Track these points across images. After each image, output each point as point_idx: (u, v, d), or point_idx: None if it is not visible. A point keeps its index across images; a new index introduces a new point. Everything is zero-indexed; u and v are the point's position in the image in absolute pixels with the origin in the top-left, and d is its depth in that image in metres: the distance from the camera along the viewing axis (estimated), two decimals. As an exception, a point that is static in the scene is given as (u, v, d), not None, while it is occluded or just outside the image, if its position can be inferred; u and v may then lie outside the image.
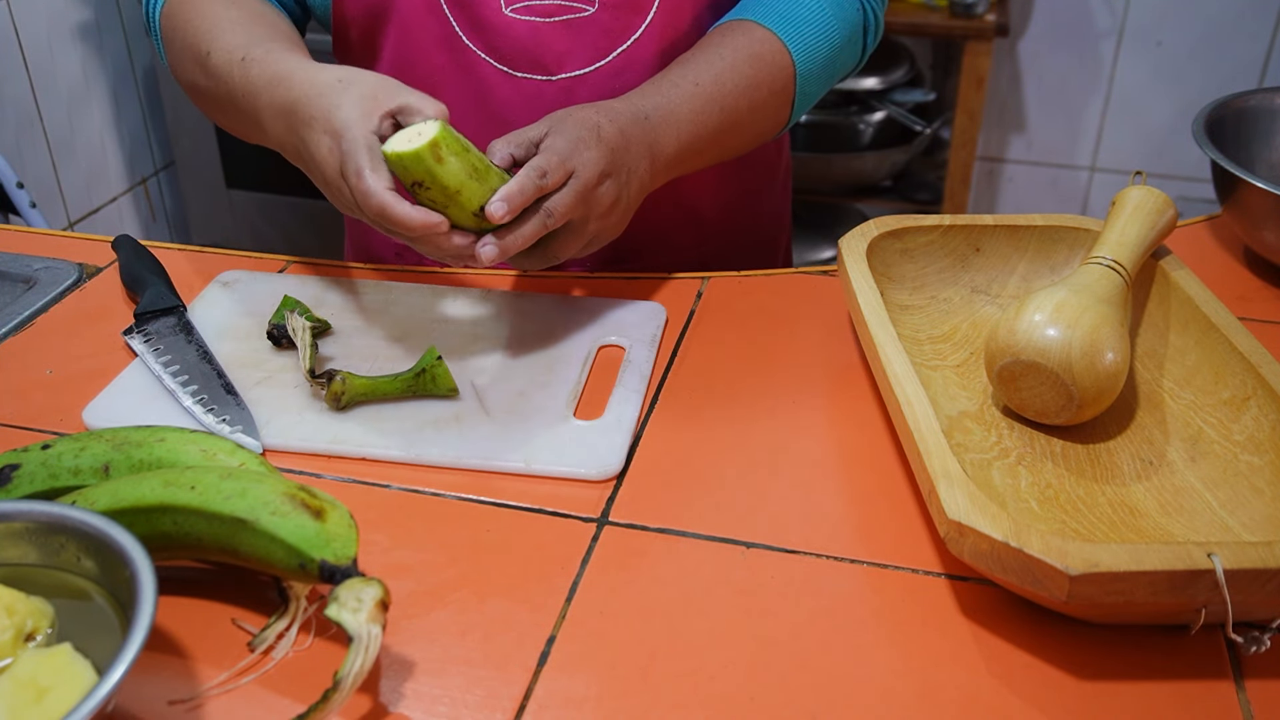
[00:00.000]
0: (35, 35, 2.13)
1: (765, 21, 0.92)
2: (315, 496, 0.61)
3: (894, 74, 2.40)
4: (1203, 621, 0.59)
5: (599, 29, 0.92)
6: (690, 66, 0.89)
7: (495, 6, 0.91)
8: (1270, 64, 2.41)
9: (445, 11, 0.92)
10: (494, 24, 0.92)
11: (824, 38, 0.94)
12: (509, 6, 0.91)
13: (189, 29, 0.89)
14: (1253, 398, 0.73)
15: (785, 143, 1.15)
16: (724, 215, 1.07)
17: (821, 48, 0.94)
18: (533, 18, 0.91)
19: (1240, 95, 1.06)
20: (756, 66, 0.90)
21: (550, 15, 0.92)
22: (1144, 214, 0.82)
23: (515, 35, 0.92)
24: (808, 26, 0.93)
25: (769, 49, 0.91)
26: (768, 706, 0.59)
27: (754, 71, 0.90)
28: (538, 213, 0.76)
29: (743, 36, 0.91)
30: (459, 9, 0.92)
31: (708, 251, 1.07)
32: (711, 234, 1.07)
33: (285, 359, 0.84)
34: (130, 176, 2.46)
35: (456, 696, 0.59)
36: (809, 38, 0.93)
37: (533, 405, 0.80)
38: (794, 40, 0.92)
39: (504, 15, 0.92)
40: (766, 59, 0.91)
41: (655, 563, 0.68)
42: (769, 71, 0.91)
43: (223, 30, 0.86)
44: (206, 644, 0.62)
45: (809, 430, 0.79)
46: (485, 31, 0.92)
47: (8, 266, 0.98)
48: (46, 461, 0.67)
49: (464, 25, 0.93)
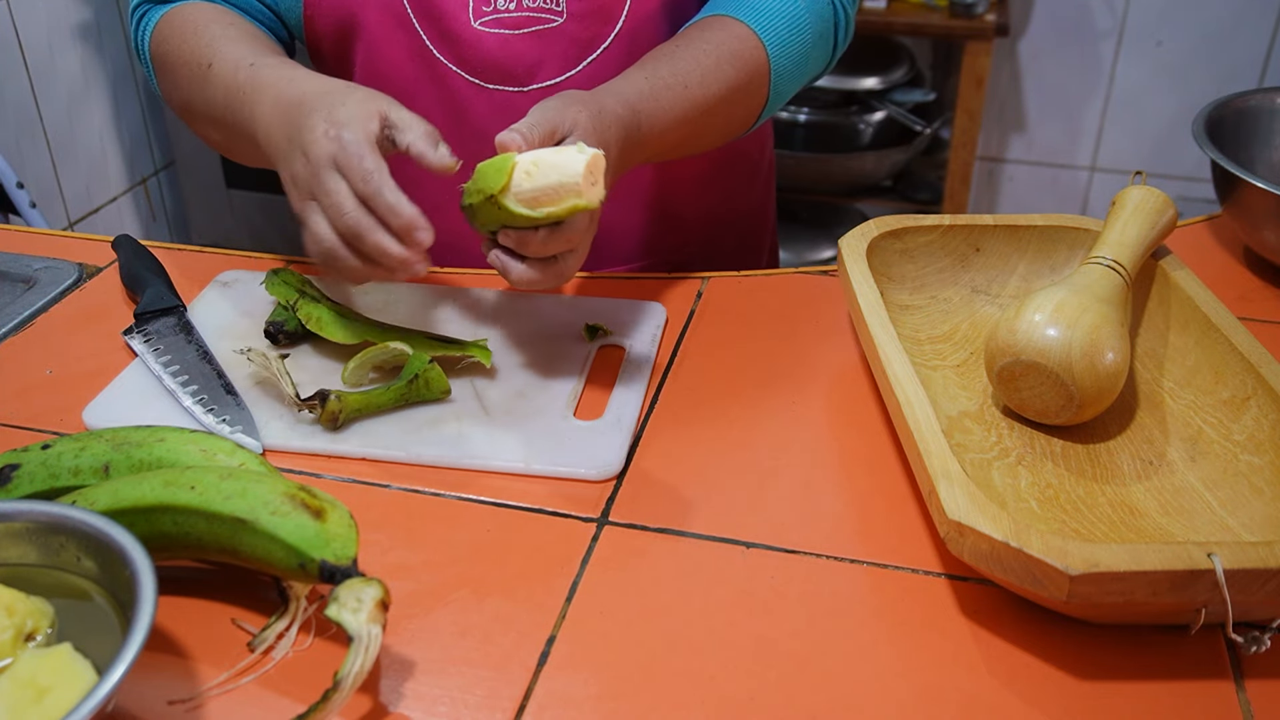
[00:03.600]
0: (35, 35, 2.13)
1: (743, 18, 0.92)
2: (315, 496, 0.61)
3: (894, 74, 2.40)
4: (1203, 621, 0.59)
5: (568, 39, 0.92)
6: (678, 63, 0.87)
7: (464, 20, 0.91)
8: (1270, 64, 2.41)
9: (415, 24, 0.92)
10: (463, 36, 0.92)
11: (798, 33, 0.93)
12: (478, 19, 0.91)
13: (187, 47, 0.89)
14: (1253, 398, 0.73)
15: (768, 142, 1.15)
16: (704, 216, 1.07)
17: (795, 44, 0.93)
18: (501, 30, 0.91)
19: (1240, 95, 1.06)
20: (737, 67, 0.90)
21: (519, 27, 0.91)
22: (1144, 214, 0.82)
23: (484, 48, 0.92)
24: (782, 21, 0.92)
25: (748, 47, 0.91)
26: (768, 706, 0.59)
27: (735, 73, 0.90)
28: None
29: (723, 33, 0.90)
30: (428, 21, 0.92)
31: (691, 253, 1.07)
32: (692, 235, 1.07)
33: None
34: (130, 176, 2.46)
35: (456, 696, 0.59)
36: (783, 33, 0.92)
37: (532, 405, 0.80)
38: (770, 36, 0.92)
39: (472, 28, 0.91)
40: (746, 58, 0.90)
41: (655, 563, 0.68)
42: (748, 72, 0.91)
43: (226, 43, 0.87)
44: (206, 644, 0.62)
45: (809, 430, 0.79)
46: (455, 44, 0.92)
47: (8, 266, 0.98)
48: (46, 461, 0.67)
49: (433, 38, 0.92)
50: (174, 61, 0.91)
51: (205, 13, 0.92)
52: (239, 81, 0.83)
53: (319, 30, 0.96)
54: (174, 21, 0.92)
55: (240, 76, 0.83)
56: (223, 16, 0.92)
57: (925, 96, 2.41)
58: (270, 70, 0.82)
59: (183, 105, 0.92)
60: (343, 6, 0.93)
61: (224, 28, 0.89)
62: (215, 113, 0.87)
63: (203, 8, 0.93)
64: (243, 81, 0.83)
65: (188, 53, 0.89)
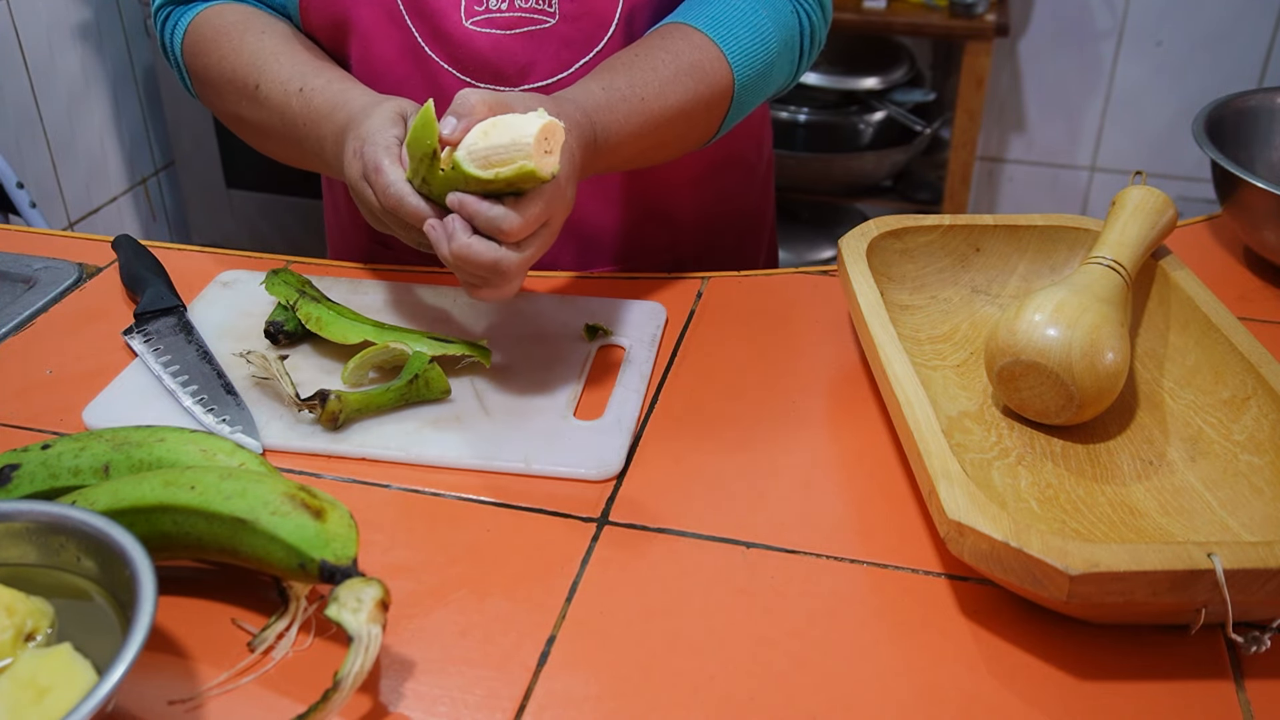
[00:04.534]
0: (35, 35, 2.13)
1: (704, 28, 0.90)
2: (315, 496, 0.61)
3: (894, 74, 2.40)
4: (1203, 621, 0.59)
5: (560, 40, 0.92)
6: (635, 74, 0.86)
7: (455, 19, 0.91)
8: (1270, 64, 2.41)
9: (408, 23, 0.92)
10: (455, 36, 0.91)
11: (761, 45, 0.91)
12: (469, 19, 0.91)
13: (226, 64, 0.90)
14: (1253, 398, 0.73)
15: (766, 142, 1.14)
16: (700, 217, 1.07)
17: (759, 55, 0.91)
18: (493, 30, 0.91)
19: (1240, 95, 1.06)
20: (697, 79, 0.88)
21: (511, 27, 0.91)
22: (1144, 214, 0.82)
23: (476, 47, 0.91)
24: (744, 30, 0.90)
25: (708, 59, 0.88)
26: (768, 706, 0.59)
27: (694, 84, 0.87)
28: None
29: (683, 43, 0.88)
30: (421, 20, 0.92)
31: (684, 254, 1.07)
32: (687, 236, 1.06)
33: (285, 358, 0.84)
34: (130, 176, 2.46)
35: (456, 696, 0.59)
36: (745, 43, 0.90)
37: (533, 405, 0.80)
38: (731, 46, 0.90)
39: (464, 27, 0.91)
40: (707, 69, 0.88)
41: (655, 563, 0.68)
42: (709, 84, 0.88)
43: (268, 62, 0.87)
44: (206, 644, 0.62)
45: (809, 430, 0.79)
46: (447, 43, 0.92)
47: (8, 266, 0.98)
48: (46, 461, 0.67)
49: (426, 36, 0.92)
50: (215, 78, 0.91)
51: (237, 19, 0.92)
52: (292, 110, 0.85)
53: (313, 25, 0.96)
54: (205, 32, 0.92)
55: (293, 105, 0.84)
56: (255, 22, 0.91)
57: (925, 96, 2.41)
58: (319, 98, 0.83)
59: (232, 119, 0.93)
60: (336, 2, 0.93)
61: (258, 38, 0.90)
62: (273, 133, 0.89)
63: (231, 10, 0.93)
64: (296, 111, 0.84)
65: (229, 70, 0.89)
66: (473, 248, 0.69)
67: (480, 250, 0.69)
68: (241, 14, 0.93)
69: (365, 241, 1.07)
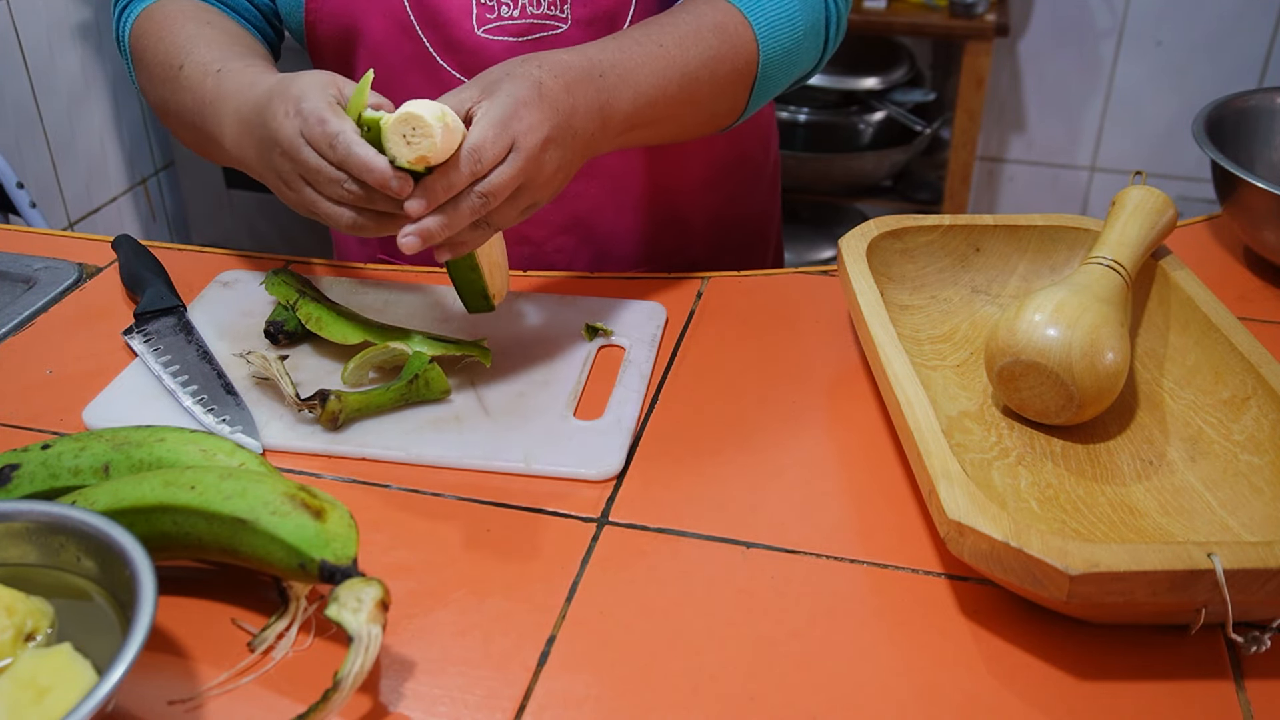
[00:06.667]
0: (35, 35, 2.13)
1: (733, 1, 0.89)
2: (315, 496, 0.61)
3: (894, 74, 2.40)
4: (1203, 621, 0.59)
5: (572, 46, 0.91)
6: (652, 27, 0.84)
7: (467, 27, 0.90)
8: (1270, 64, 2.41)
9: (418, 32, 0.91)
10: (467, 44, 0.91)
11: (788, 21, 0.90)
12: (481, 27, 0.90)
13: (162, 46, 0.87)
14: (1253, 398, 0.73)
15: (773, 144, 1.14)
16: (711, 218, 1.07)
17: (785, 31, 0.90)
18: (505, 37, 0.91)
19: (1240, 95, 1.06)
20: (721, 38, 0.86)
21: (523, 35, 0.91)
22: (1144, 214, 0.82)
23: (489, 55, 0.91)
24: (772, 6, 0.89)
25: (733, 22, 0.87)
26: (768, 706, 0.59)
27: (719, 42, 0.85)
28: (469, 194, 0.70)
29: (707, 6, 0.87)
30: (432, 30, 0.91)
31: (696, 255, 1.07)
32: (698, 237, 1.07)
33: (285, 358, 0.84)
34: (130, 176, 2.46)
35: (456, 696, 0.59)
36: (773, 18, 0.89)
37: (532, 405, 0.80)
38: (759, 19, 0.88)
39: (476, 35, 0.91)
40: (731, 31, 0.87)
41: (655, 563, 0.68)
42: (733, 45, 0.87)
43: (198, 46, 0.85)
44: (206, 644, 0.62)
45: (809, 430, 0.79)
46: (459, 52, 0.92)
47: (8, 266, 0.98)
48: (46, 461, 0.67)
49: (437, 46, 0.92)
50: (149, 60, 0.89)
51: (184, 9, 0.90)
52: (205, 89, 0.81)
53: (320, 37, 0.95)
54: (155, 17, 0.90)
55: (207, 84, 0.81)
56: (201, 14, 0.90)
57: (925, 96, 2.41)
58: (232, 78, 0.79)
59: (158, 105, 0.90)
60: (345, 14, 0.93)
61: (199, 26, 0.87)
62: (186, 118, 0.85)
63: (184, 3, 0.91)
64: (209, 90, 0.81)
65: (162, 52, 0.87)
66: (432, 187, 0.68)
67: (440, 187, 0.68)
68: (192, 7, 0.91)
69: (368, 241, 1.07)
